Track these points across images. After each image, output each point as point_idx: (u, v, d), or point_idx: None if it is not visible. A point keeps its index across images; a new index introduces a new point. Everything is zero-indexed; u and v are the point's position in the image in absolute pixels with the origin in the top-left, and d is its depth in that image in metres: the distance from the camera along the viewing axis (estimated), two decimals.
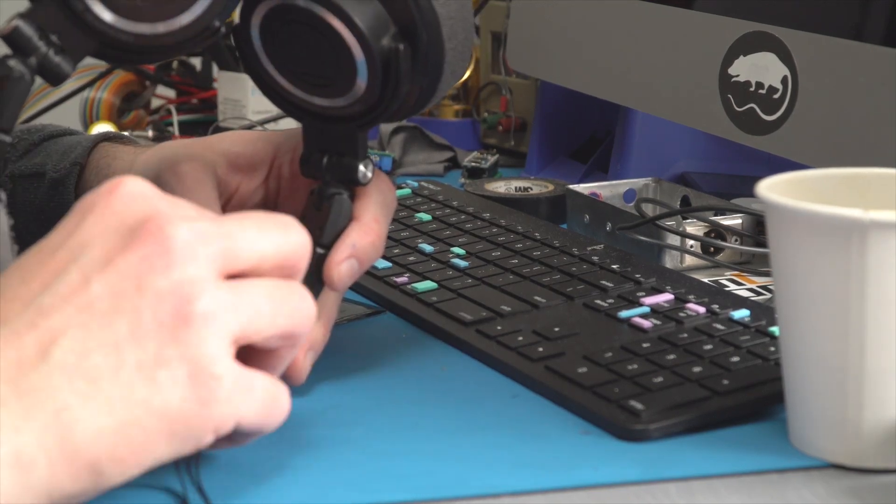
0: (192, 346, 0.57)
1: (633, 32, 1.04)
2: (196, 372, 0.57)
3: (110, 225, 0.58)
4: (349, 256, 0.71)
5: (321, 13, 0.67)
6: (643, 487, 0.63)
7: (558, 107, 1.24)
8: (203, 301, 0.57)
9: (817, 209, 0.62)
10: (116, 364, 0.56)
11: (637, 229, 0.94)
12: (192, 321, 0.57)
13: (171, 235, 0.57)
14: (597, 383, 0.71)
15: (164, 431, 0.56)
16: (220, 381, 0.57)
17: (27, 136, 0.89)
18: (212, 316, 0.57)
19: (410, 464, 0.65)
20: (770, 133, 0.90)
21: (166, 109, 1.41)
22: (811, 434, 0.65)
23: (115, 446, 0.56)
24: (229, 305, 0.58)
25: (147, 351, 0.56)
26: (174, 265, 0.57)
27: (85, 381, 0.56)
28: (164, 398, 0.56)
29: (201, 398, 0.57)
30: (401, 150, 1.28)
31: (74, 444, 0.55)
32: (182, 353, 0.57)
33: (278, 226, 0.61)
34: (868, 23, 0.86)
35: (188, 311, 0.57)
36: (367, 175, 0.73)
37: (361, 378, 0.76)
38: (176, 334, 0.57)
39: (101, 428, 0.56)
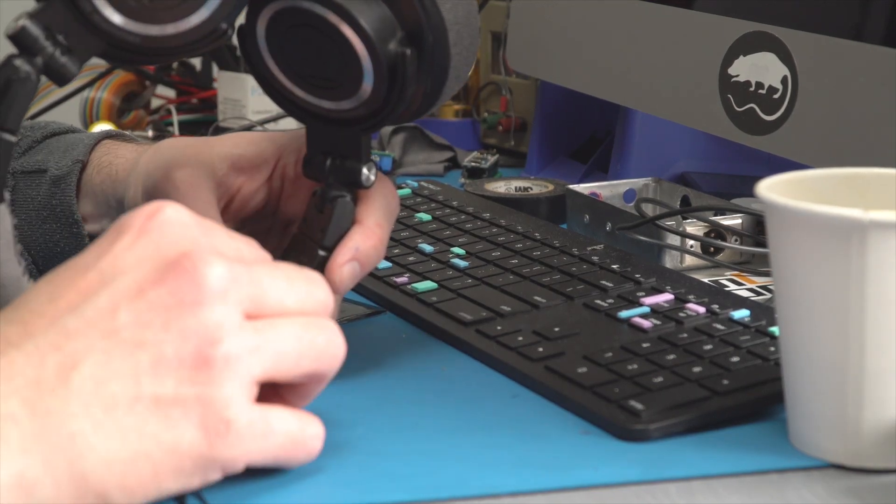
0: (208, 387, 0.57)
1: (633, 32, 1.04)
2: (208, 414, 0.57)
3: (146, 253, 0.59)
4: (352, 259, 0.72)
5: (328, 16, 0.67)
6: (643, 487, 0.63)
7: (558, 107, 1.24)
8: (226, 344, 0.58)
9: (817, 209, 0.62)
10: (134, 396, 0.57)
11: (637, 229, 0.94)
12: (212, 363, 0.58)
13: (204, 275, 0.58)
14: (597, 383, 0.71)
15: (173, 466, 0.57)
16: (230, 424, 0.58)
17: (30, 132, 0.89)
18: (234, 360, 0.58)
19: (410, 464, 0.65)
20: (770, 133, 0.90)
21: (166, 109, 1.41)
22: (811, 434, 0.65)
23: (123, 476, 0.56)
24: (252, 348, 0.59)
25: (165, 386, 0.57)
26: (203, 305, 0.58)
27: (101, 409, 0.56)
28: (176, 435, 0.57)
29: (210, 440, 0.58)
30: (401, 150, 1.28)
31: (83, 470, 0.56)
32: (198, 393, 0.57)
33: (306, 281, 0.62)
34: (868, 23, 0.86)
35: (210, 354, 0.57)
36: (370, 178, 0.73)
37: (361, 378, 0.76)
38: (195, 374, 0.57)
39: (112, 457, 0.56)
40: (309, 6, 0.68)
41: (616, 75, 1.06)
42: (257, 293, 0.60)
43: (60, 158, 0.85)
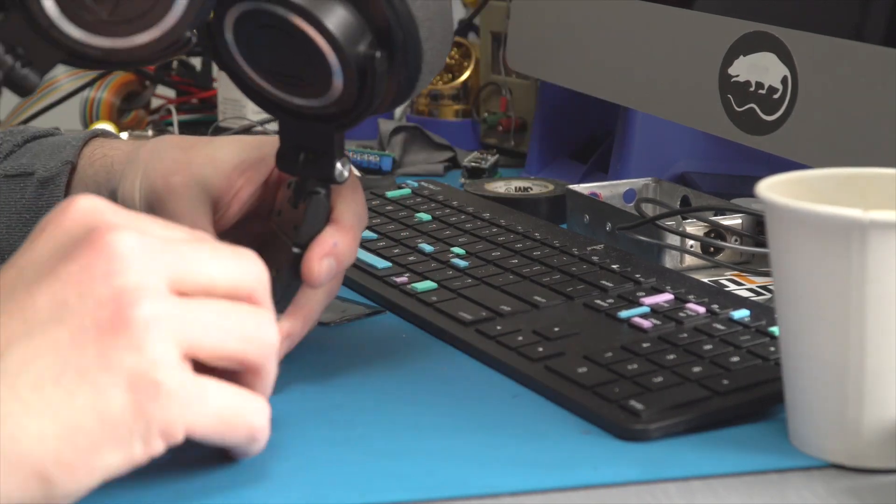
0: (131, 350, 0.57)
1: (633, 32, 1.04)
2: (137, 377, 0.57)
3: (57, 240, 0.59)
4: (329, 254, 0.72)
5: (295, 20, 0.67)
6: (643, 487, 0.63)
7: (558, 107, 1.24)
8: (143, 307, 0.57)
9: (817, 209, 0.62)
10: (59, 370, 0.56)
11: (637, 229, 0.94)
12: (131, 326, 0.57)
13: (112, 243, 0.58)
14: (597, 383, 0.71)
15: (108, 436, 0.57)
16: (161, 386, 0.57)
17: (10, 137, 0.89)
18: (153, 321, 0.57)
19: (410, 464, 0.65)
20: (770, 133, 0.90)
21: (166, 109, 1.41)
22: (811, 434, 0.65)
23: (59, 452, 0.56)
24: (173, 314, 0.58)
25: (88, 356, 0.57)
26: (115, 272, 0.58)
27: (28, 389, 0.56)
28: (106, 403, 0.56)
29: (142, 403, 0.57)
30: (401, 150, 1.28)
31: (19, 451, 0.55)
32: (122, 357, 0.57)
33: (234, 255, 0.62)
34: (868, 23, 0.86)
35: (128, 316, 0.57)
36: (343, 173, 0.72)
37: (361, 378, 0.76)
38: (116, 339, 0.57)
39: (45, 434, 0.56)
40: (275, 9, 0.67)
41: (616, 75, 1.06)
42: (176, 261, 0.59)
43: (48, 160, 0.85)
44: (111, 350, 0.57)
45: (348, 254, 0.73)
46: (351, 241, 0.73)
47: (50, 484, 0.56)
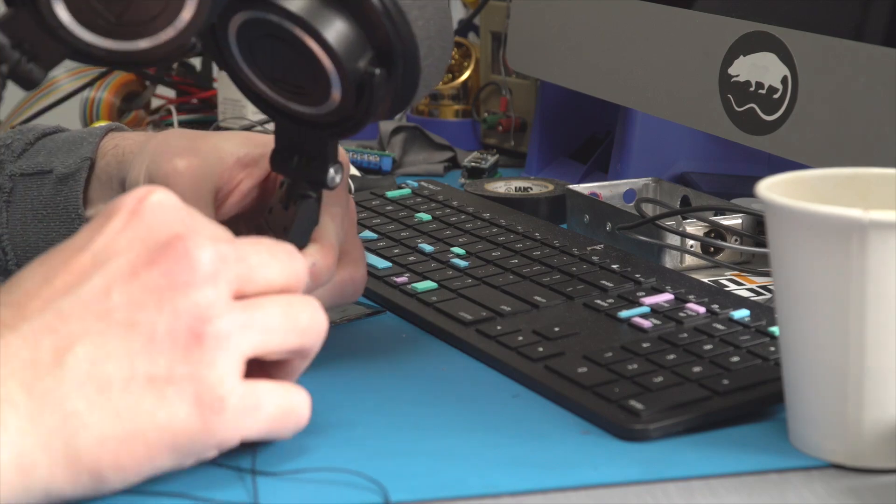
0: (201, 365, 0.59)
1: (633, 32, 1.04)
2: (202, 391, 0.59)
3: (138, 236, 0.60)
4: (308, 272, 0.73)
5: (297, 32, 0.67)
6: (643, 487, 0.63)
7: (558, 107, 1.24)
8: (217, 323, 0.59)
9: (817, 209, 0.62)
10: (128, 375, 0.58)
11: (637, 229, 0.94)
12: (204, 341, 0.59)
13: (196, 257, 0.59)
14: (597, 383, 0.71)
15: (167, 445, 0.59)
16: (224, 401, 0.59)
17: (20, 136, 0.89)
18: (224, 337, 0.59)
19: (410, 464, 0.65)
20: (770, 133, 0.90)
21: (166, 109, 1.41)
22: (811, 434, 0.65)
23: (117, 455, 0.57)
24: (242, 326, 0.60)
25: (158, 366, 0.58)
26: (195, 286, 0.59)
27: (95, 389, 0.57)
28: (170, 413, 0.58)
29: (205, 417, 0.59)
30: (401, 150, 1.28)
31: (78, 449, 0.57)
32: (191, 371, 0.58)
33: (286, 254, 0.64)
34: (868, 23, 0.86)
35: (202, 332, 0.59)
36: (335, 179, 0.74)
37: (361, 378, 0.76)
38: (188, 353, 0.59)
39: (106, 436, 0.57)
40: (278, 20, 0.67)
41: (616, 75, 1.06)
42: (244, 271, 0.61)
43: (66, 157, 0.85)
44: (181, 363, 0.59)
45: (325, 274, 0.74)
46: (330, 263, 0.74)
47: (101, 482, 0.58)
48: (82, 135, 0.87)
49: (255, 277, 0.62)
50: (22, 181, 0.86)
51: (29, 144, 0.88)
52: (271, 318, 0.61)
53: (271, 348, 0.62)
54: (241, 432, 0.60)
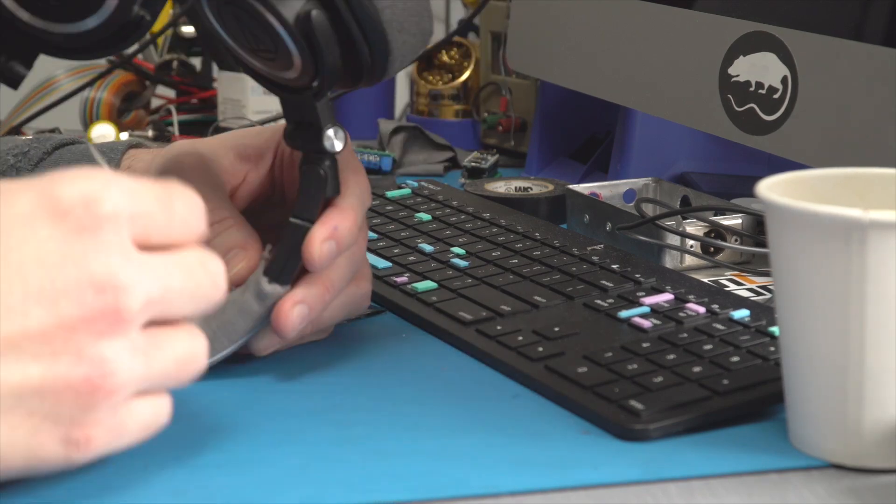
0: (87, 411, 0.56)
1: (633, 32, 1.04)
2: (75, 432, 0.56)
3: None
4: (330, 237, 0.72)
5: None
6: (643, 487, 0.63)
7: (558, 107, 1.24)
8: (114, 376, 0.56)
9: (817, 209, 0.62)
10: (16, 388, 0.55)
11: (637, 229, 0.94)
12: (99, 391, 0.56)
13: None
14: (597, 383, 0.71)
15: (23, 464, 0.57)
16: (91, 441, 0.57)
17: (38, 144, 0.90)
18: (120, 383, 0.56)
19: (410, 464, 0.65)
20: (770, 133, 0.90)
21: (166, 109, 1.41)
22: (811, 434, 0.65)
23: None
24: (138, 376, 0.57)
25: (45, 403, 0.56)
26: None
27: None
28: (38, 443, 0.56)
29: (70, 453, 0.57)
30: (401, 150, 1.28)
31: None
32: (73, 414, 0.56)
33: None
34: (868, 23, 0.86)
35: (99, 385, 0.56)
36: (334, 143, 0.73)
37: (361, 378, 0.76)
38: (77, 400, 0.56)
39: None
40: None
41: (616, 75, 1.06)
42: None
43: None
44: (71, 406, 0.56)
45: (348, 237, 0.74)
46: (351, 225, 0.74)
47: None
48: (103, 150, 0.87)
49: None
50: None
51: (46, 154, 0.89)
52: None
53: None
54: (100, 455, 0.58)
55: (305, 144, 0.74)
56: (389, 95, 1.47)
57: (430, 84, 1.38)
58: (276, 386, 0.74)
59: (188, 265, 0.59)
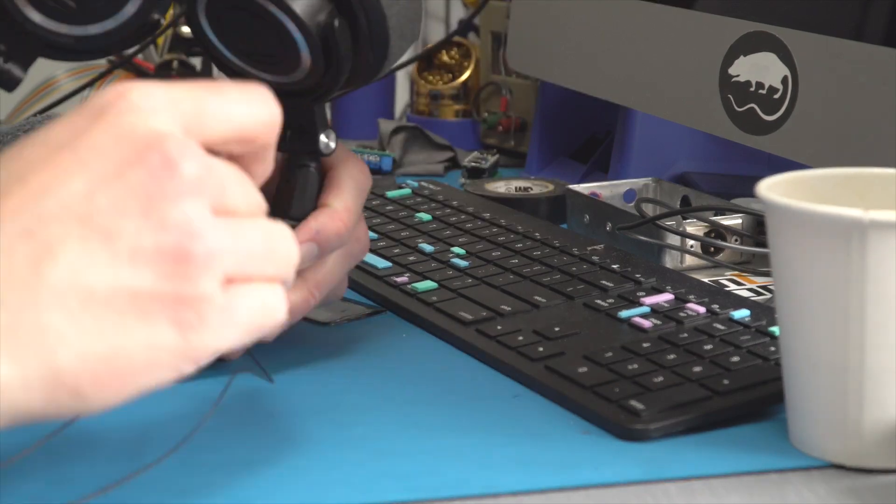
0: (186, 284, 0.55)
1: (633, 32, 1.04)
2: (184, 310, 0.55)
3: (121, 132, 0.56)
4: (310, 240, 0.73)
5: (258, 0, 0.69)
6: (643, 487, 0.63)
7: (558, 107, 1.24)
8: (206, 240, 0.55)
9: (817, 209, 0.62)
10: (111, 288, 0.54)
11: (637, 229, 0.94)
12: (192, 258, 0.55)
13: (182, 164, 0.55)
14: (597, 383, 0.71)
15: (148, 362, 0.55)
16: (205, 318, 0.55)
17: (40, 125, 0.90)
18: (212, 256, 0.55)
19: (410, 464, 0.65)
20: (770, 133, 0.90)
21: None
22: (811, 434, 0.65)
23: (98, 371, 0.54)
24: (228, 247, 0.56)
25: (143, 279, 0.54)
26: (182, 196, 0.55)
27: (77, 301, 0.53)
28: (151, 331, 0.55)
29: (185, 335, 0.55)
30: (401, 150, 1.28)
31: (56, 365, 0.53)
32: (175, 289, 0.55)
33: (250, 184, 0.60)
34: (868, 23, 0.86)
35: (191, 248, 0.55)
36: (329, 145, 0.74)
37: (361, 378, 0.76)
38: (174, 270, 0.55)
39: (87, 351, 0.54)
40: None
41: (616, 75, 1.06)
42: (220, 190, 0.57)
43: None
44: (167, 279, 0.55)
45: (333, 240, 0.74)
46: (340, 227, 0.74)
47: (80, 400, 0.54)
48: None
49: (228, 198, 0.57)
50: None
51: None
52: (253, 243, 0.58)
53: (247, 274, 0.58)
54: (218, 347, 0.56)
55: (295, 146, 0.75)
56: (389, 95, 1.47)
57: (430, 84, 1.38)
58: (276, 386, 0.74)
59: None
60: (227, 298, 0.57)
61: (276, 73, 0.72)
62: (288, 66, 0.71)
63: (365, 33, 0.70)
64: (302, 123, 0.74)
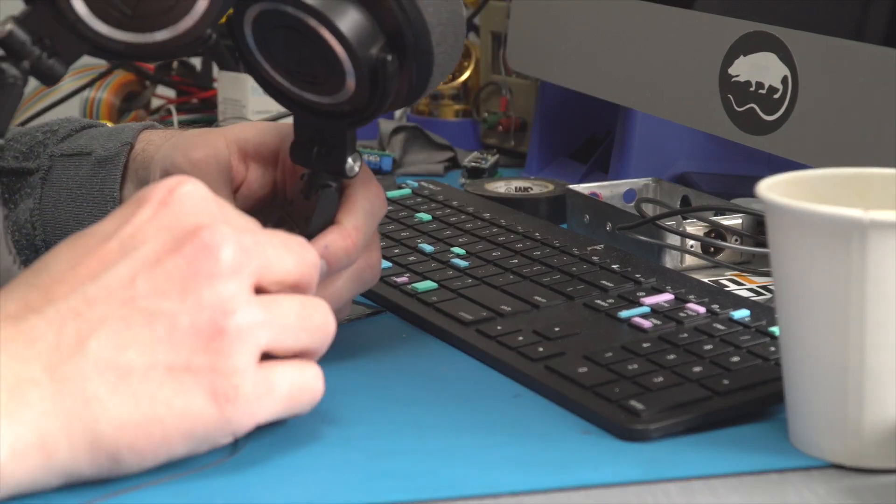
0: (220, 357, 0.60)
1: (633, 32, 1.04)
2: (218, 381, 0.60)
3: (164, 225, 0.61)
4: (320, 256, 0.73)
5: (310, 22, 0.69)
6: (643, 487, 0.63)
7: (558, 107, 1.24)
8: (239, 317, 0.60)
9: (817, 209, 0.62)
10: (149, 363, 0.59)
11: (637, 229, 0.94)
12: (225, 335, 0.60)
13: (220, 247, 0.61)
14: (597, 383, 0.71)
15: (183, 432, 0.60)
16: (238, 389, 0.60)
17: (66, 124, 0.91)
18: (245, 331, 0.61)
19: (410, 464, 0.65)
20: (770, 133, 0.90)
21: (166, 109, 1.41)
22: (811, 434, 0.65)
23: (135, 439, 0.59)
24: (261, 321, 0.61)
25: (179, 355, 0.60)
26: (218, 278, 0.60)
27: (116, 375, 0.59)
28: (187, 402, 0.60)
29: (220, 406, 0.60)
30: (401, 150, 1.28)
31: (98, 432, 0.59)
32: (210, 362, 0.60)
33: (299, 246, 0.65)
34: (868, 23, 0.86)
35: (224, 325, 0.60)
36: (354, 168, 0.74)
37: (361, 378, 0.76)
38: (208, 344, 0.60)
39: (125, 421, 0.59)
40: (292, 11, 0.69)
41: (616, 75, 1.06)
42: (263, 263, 0.62)
43: (106, 142, 0.87)
44: (201, 353, 0.60)
45: (342, 258, 0.74)
46: (349, 245, 0.74)
47: (118, 464, 0.60)
48: (123, 127, 0.89)
49: (272, 269, 0.63)
50: (60, 161, 0.88)
51: (74, 131, 0.90)
52: (287, 316, 0.63)
53: (284, 345, 0.63)
54: (255, 418, 0.62)
55: (319, 164, 0.74)
56: None
57: None
58: None
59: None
60: (265, 373, 0.62)
61: (316, 92, 0.72)
62: (330, 89, 0.71)
63: (410, 70, 0.70)
64: (332, 143, 0.74)
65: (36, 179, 0.87)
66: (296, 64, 0.71)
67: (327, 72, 0.70)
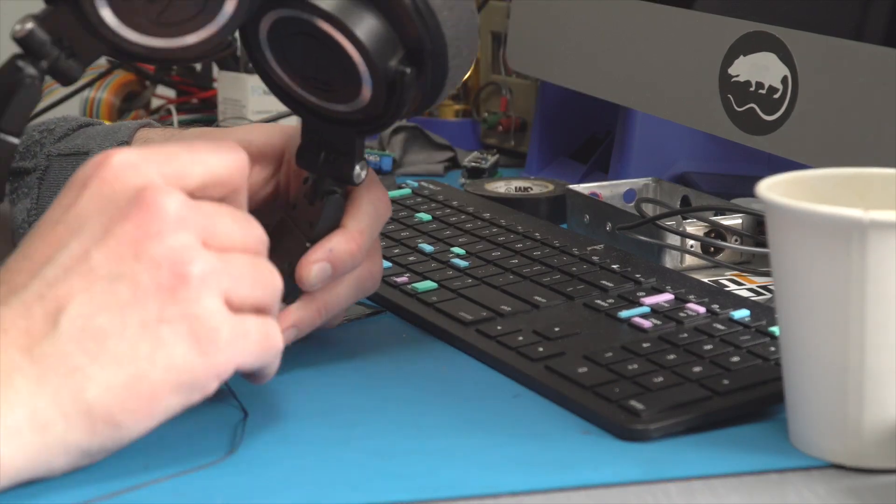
0: (190, 303, 0.61)
1: (633, 32, 1.04)
2: (196, 326, 0.61)
3: (104, 196, 0.62)
4: (324, 259, 0.73)
5: (329, 30, 0.68)
6: (643, 487, 0.63)
7: (558, 107, 1.24)
8: (197, 264, 0.61)
9: (817, 209, 0.62)
10: (121, 324, 0.60)
11: (637, 229, 0.94)
12: (189, 281, 0.61)
13: (163, 205, 0.61)
14: (597, 383, 0.71)
15: (171, 382, 0.61)
16: (218, 331, 0.62)
17: (64, 123, 0.91)
18: (207, 276, 0.62)
19: (410, 463, 0.65)
20: (770, 133, 0.90)
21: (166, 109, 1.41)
22: (811, 434, 0.65)
23: (125, 400, 0.60)
24: (220, 269, 0.62)
25: (149, 311, 0.61)
26: (168, 233, 0.61)
27: (93, 342, 0.60)
28: (168, 352, 0.61)
29: (202, 349, 0.61)
30: (401, 150, 1.28)
31: (87, 400, 0.60)
32: (182, 310, 0.61)
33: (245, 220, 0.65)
34: (868, 23, 0.86)
35: (185, 272, 0.61)
36: (360, 176, 0.74)
37: (361, 378, 0.76)
38: (175, 294, 0.61)
39: (111, 384, 0.60)
40: (311, 19, 0.68)
41: (616, 75, 1.06)
42: (209, 224, 0.63)
43: (103, 141, 0.87)
44: (170, 304, 0.61)
45: (348, 260, 0.74)
46: (354, 249, 0.74)
47: (117, 428, 0.60)
48: (120, 125, 0.89)
49: (218, 232, 0.63)
50: (58, 161, 0.88)
51: (71, 130, 0.90)
52: (240, 266, 0.64)
53: (241, 294, 0.63)
54: (236, 359, 0.62)
55: (326, 170, 0.74)
56: None
57: None
58: (276, 386, 0.74)
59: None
60: (236, 318, 0.63)
61: (329, 100, 0.72)
62: (344, 97, 0.71)
63: (426, 83, 0.70)
64: (341, 150, 0.74)
65: (33, 179, 0.87)
66: (311, 71, 0.71)
67: (344, 80, 0.70)
